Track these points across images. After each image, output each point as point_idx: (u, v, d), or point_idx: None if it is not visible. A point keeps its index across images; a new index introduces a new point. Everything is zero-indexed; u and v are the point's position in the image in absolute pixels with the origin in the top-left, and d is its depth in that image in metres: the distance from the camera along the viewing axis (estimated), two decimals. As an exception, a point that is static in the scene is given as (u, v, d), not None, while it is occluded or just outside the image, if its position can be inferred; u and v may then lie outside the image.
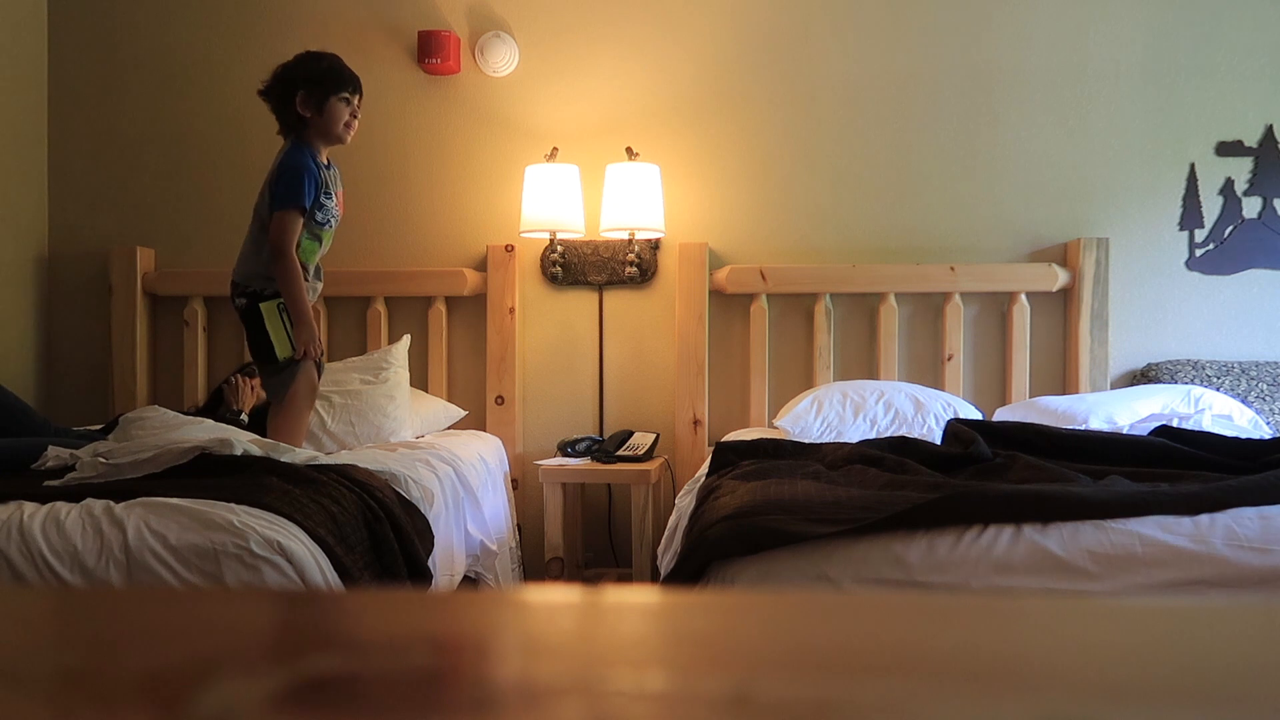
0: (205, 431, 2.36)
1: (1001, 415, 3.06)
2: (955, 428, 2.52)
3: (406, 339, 3.36)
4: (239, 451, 2.18)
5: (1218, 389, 3.12)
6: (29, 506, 1.93)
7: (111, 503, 1.93)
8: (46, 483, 2.08)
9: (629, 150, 3.38)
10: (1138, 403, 2.92)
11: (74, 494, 2.00)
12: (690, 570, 1.84)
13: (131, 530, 1.84)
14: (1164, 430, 2.42)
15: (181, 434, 2.32)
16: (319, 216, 2.60)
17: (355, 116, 2.63)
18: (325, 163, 2.64)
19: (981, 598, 0.69)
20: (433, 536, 2.35)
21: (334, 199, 2.64)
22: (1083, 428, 2.71)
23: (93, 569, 1.81)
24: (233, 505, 1.92)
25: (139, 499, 1.94)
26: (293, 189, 2.52)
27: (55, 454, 2.28)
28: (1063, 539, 1.73)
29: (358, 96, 2.63)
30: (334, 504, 2.06)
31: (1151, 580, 1.68)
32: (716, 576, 1.80)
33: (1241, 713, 0.32)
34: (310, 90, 2.56)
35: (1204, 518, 1.77)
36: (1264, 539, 1.71)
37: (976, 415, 3.07)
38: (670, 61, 3.51)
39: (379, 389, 3.08)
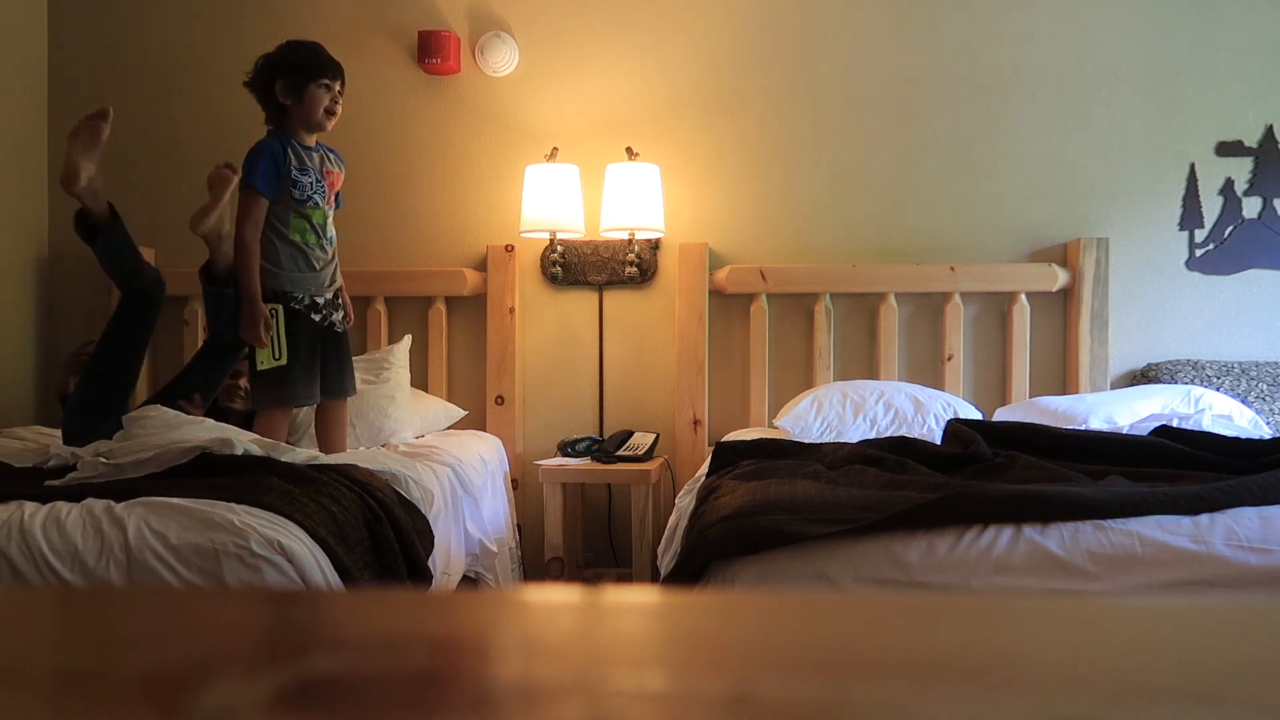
0: (206, 431, 2.36)
1: (1001, 415, 3.05)
2: (955, 428, 2.52)
3: (407, 339, 3.36)
4: (239, 451, 2.18)
5: (1218, 389, 3.12)
6: (29, 506, 1.93)
7: (112, 502, 1.93)
8: (47, 482, 2.08)
9: (629, 150, 3.38)
10: (1138, 403, 2.92)
11: (74, 494, 2.00)
12: (690, 570, 1.84)
13: (132, 530, 1.84)
14: (1164, 430, 2.42)
15: (182, 434, 2.32)
16: (295, 194, 2.58)
17: (336, 103, 2.61)
18: (311, 145, 2.63)
19: (981, 598, 0.69)
20: (433, 536, 2.35)
21: (311, 175, 2.60)
22: (1083, 428, 2.71)
23: (93, 569, 1.81)
24: (233, 505, 1.92)
25: (139, 499, 1.94)
26: (248, 171, 2.55)
27: (56, 454, 2.28)
28: (1063, 539, 1.74)
29: (339, 83, 2.61)
30: (334, 504, 2.07)
31: (1151, 580, 1.69)
32: (716, 576, 1.80)
33: (1241, 713, 0.32)
34: (289, 78, 2.56)
35: (1204, 518, 1.77)
36: (1264, 539, 1.71)
37: (976, 415, 3.06)
38: (670, 61, 3.50)
39: (379, 389, 3.08)
